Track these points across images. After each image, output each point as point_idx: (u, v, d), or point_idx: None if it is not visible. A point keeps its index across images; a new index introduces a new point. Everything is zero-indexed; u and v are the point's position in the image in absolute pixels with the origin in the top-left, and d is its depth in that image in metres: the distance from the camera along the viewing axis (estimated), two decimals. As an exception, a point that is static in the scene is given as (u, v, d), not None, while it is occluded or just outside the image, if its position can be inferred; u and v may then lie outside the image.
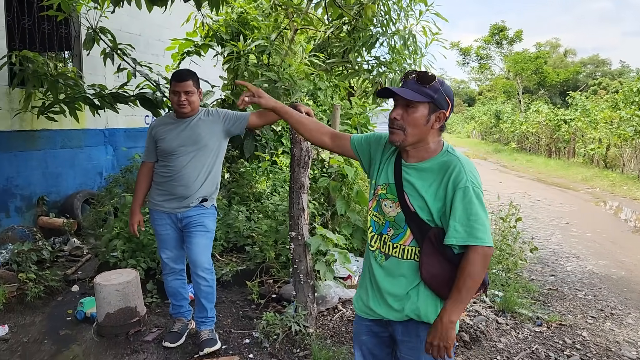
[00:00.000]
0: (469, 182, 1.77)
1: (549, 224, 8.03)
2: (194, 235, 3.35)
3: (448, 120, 1.92)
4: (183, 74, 3.28)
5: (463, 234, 1.75)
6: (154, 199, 3.40)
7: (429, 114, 1.84)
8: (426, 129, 1.85)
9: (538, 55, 31.49)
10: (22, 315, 4.09)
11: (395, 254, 1.90)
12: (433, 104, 1.83)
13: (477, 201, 1.76)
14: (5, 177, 5.76)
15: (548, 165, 17.42)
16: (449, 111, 1.88)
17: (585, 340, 3.66)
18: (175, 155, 3.27)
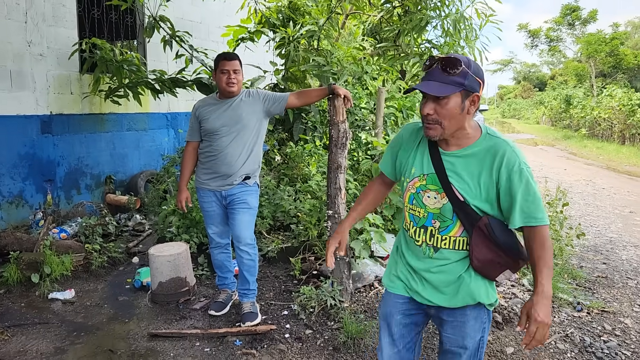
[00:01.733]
0: (522, 164, 1.74)
1: (611, 212, 7.71)
2: (238, 211, 3.54)
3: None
4: (231, 53, 3.50)
5: (528, 216, 1.75)
6: (200, 178, 3.59)
7: (463, 101, 1.74)
8: (462, 116, 1.77)
9: (614, 36, 29.60)
10: (87, 282, 4.49)
11: (445, 246, 1.87)
12: (465, 91, 1.73)
13: (532, 182, 1.75)
14: (77, 157, 6.26)
15: (620, 153, 16.53)
16: (482, 89, 1.79)
17: (627, 328, 3.58)
18: (218, 134, 3.45)
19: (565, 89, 30.39)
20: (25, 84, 5.56)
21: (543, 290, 1.73)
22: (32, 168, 5.70)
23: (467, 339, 1.95)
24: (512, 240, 1.84)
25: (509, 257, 1.83)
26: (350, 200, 4.62)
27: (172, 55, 6.02)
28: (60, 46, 5.92)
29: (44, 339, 3.43)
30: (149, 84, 5.77)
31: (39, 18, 5.68)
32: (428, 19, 6.06)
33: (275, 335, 3.41)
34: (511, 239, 1.83)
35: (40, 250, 4.49)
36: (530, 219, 1.75)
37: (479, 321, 1.94)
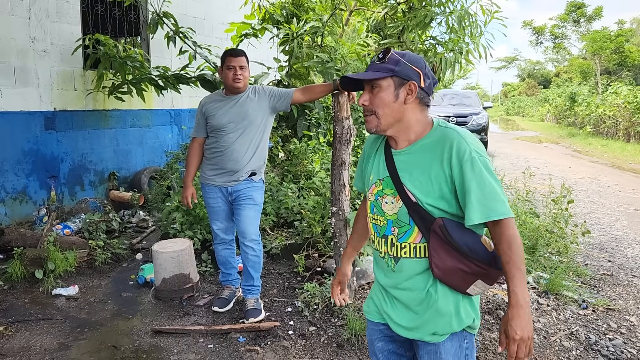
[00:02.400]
0: (473, 152, 1.59)
1: (616, 210, 7.67)
2: (243, 207, 3.54)
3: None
4: (237, 50, 3.50)
5: (485, 211, 1.56)
6: (206, 174, 3.59)
7: (396, 88, 1.66)
8: (398, 105, 1.67)
9: (619, 33, 29.41)
10: (91, 278, 4.50)
11: (405, 255, 1.69)
12: (397, 77, 1.65)
13: (487, 172, 1.58)
14: (81, 154, 6.26)
15: (625, 151, 16.42)
16: (423, 80, 1.67)
17: (633, 326, 3.55)
18: (224, 131, 3.45)
19: (570, 86, 30.22)
20: (29, 80, 5.56)
21: (517, 300, 1.52)
22: (36, 164, 5.70)
23: None
24: (474, 242, 1.63)
25: (473, 263, 1.61)
26: (355, 197, 4.61)
27: (175, 51, 6.01)
28: (63, 42, 5.92)
29: (48, 335, 3.43)
30: (153, 80, 5.76)
31: (43, 14, 5.68)
32: (433, 15, 6.02)
33: (279, 331, 3.40)
34: (473, 240, 1.63)
35: (44, 246, 4.49)
36: (489, 213, 1.55)
37: (456, 346, 1.70)
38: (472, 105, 15.29)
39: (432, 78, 1.70)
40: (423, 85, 1.67)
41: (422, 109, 1.71)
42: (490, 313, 3.56)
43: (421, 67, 1.67)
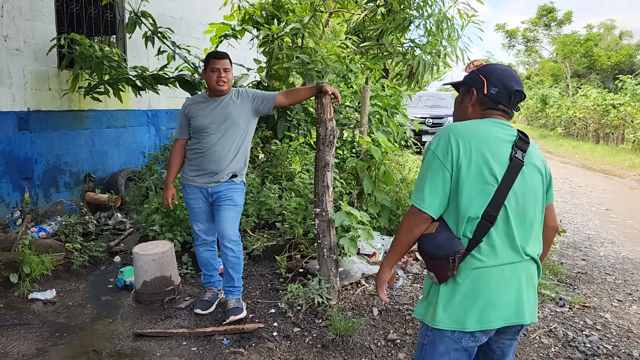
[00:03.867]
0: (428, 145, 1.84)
1: (588, 210, 7.87)
2: (223, 208, 3.53)
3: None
4: (222, 52, 3.51)
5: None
6: (187, 174, 3.58)
7: (463, 95, 1.95)
8: (462, 107, 1.94)
9: (588, 37, 30.22)
10: (68, 282, 4.41)
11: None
12: (465, 86, 1.94)
13: (423, 160, 1.83)
14: (55, 155, 6.13)
15: (595, 152, 16.86)
16: (486, 87, 1.85)
17: (607, 322, 3.65)
18: (206, 132, 3.44)
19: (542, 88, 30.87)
20: (1, 80, 5.42)
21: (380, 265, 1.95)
22: (9, 165, 5.56)
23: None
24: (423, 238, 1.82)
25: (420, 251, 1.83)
26: (337, 198, 4.62)
27: (152, 51, 5.94)
28: (37, 41, 5.79)
29: (25, 340, 3.35)
30: (130, 80, 5.68)
31: (16, 12, 5.54)
32: (411, 18, 6.10)
33: (263, 333, 3.39)
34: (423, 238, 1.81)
35: (19, 250, 4.38)
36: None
37: (422, 332, 1.87)
38: (447, 106, 15.49)
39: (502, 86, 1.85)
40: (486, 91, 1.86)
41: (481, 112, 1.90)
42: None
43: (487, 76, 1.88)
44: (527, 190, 1.77)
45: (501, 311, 1.73)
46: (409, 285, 4.12)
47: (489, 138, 1.76)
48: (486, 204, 1.71)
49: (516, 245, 1.75)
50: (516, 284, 1.75)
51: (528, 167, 1.78)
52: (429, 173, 1.75)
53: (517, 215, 1.75)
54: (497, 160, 1.73)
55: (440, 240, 1.73)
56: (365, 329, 3.39)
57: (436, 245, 1.73)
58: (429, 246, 1.76)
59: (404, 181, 5.21)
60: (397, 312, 3.64)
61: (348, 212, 3.71)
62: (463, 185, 1.72)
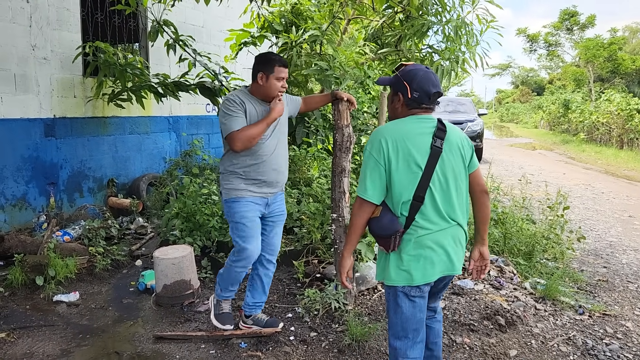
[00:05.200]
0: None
1: (610, 217, 7.75)
2: (279, 222, 3.45)
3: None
4: (285, 60, 3.27)
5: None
6: (240, 187, 3.23)
7: (393, 95, 2.34)
8: (392, 108, 2.37)
9: (612, 41, 29.69)
10: (91, 285, 4.52)
11: None
12: (392, 87, 2.33)
13: (364, 158, 2.26)
14: (80, 160, 6.28)
15: (618, 157, 16.58)
16: (410, 92, 2.24)
17: (629, 331, 3.61)
18: (264, 138, 3.19)
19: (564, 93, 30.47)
20: (29, 88, 5.59)
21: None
22: (36, 171, 5.72)
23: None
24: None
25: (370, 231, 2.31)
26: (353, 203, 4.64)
27: (174, 58, 6.06)
28: (64, 50, 5.96)
29: (50, 341, 3.45)
30: (152, 87, 5.80)
31: (44, 22, 5.72)
32: (429, 24, 6.10)
33: (280, 337, 3.43)
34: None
35: (44, 253, 4.51)
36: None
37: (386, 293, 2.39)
38: (467, 112, 15.41)
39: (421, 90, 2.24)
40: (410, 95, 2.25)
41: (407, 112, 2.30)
42: (489, 318, 3.60)
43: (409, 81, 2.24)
44: (447, 170, 2.22)
45: (438, 267, 2.24)
46: (426, 291, 4.12)
47: (412, 134, 2.21)
48: (414, 188, 2.18)
49: (443, 215, 2.22)
50: (447, 245, 2.24)
51: (447, 151, 2.22)
52: (368, 169, 2.21)
53: (442, 191, 2.22)
54: (420, 151, 2.18)
55: (384, 222, 2.20)
56: (381, 334, 3.40)
57: (381, 226, 2.21)
58: (376, 227, 2.23)
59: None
60: (414, 317, 3.64)
61: (365, 217, 3.73)
62: (394, 176, 2.18)
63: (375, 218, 2.22)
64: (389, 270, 2.26)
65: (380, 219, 2.20)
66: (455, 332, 3.45)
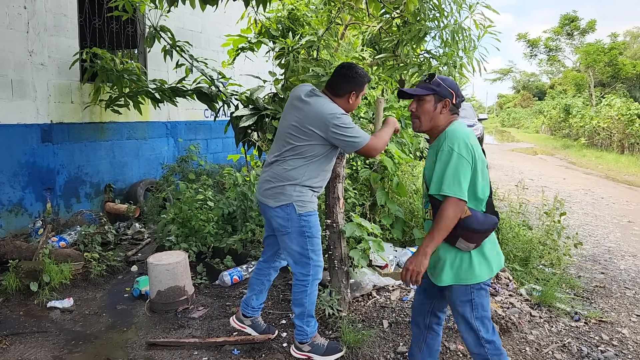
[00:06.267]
0: (446, 145, 2.27)
1: (610, 222, 7.72)
2: None
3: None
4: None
5: (435, 187, 2.27)
6: (313, 199, 3.13)
7: (435, 103, 2.40)
8: (435, 114, 2.40)
9: (613, 46, 29.71)
10: (86, 291, 4.50)
11: (428, 217, 2.46)
12: (437, 95, 2.39)
13: (449, 160, 2.24)
14: (77, 166, 6.28)
15: (619, 162, 16.55)
16: (455, 98, 2.40)
17: (625, 338, 3.58)
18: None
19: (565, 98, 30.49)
20: (26, 93, 5.60)
21: (419, 249, 2.26)
22: (32, 176, 5.72)
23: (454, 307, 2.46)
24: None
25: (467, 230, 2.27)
26: (349, 209, 4.64)
27: (172, 64, 6.06)
28: (61, 55, 5.97)
29: (42, 348, 3.43)
30: (150, 93, 5.80)
31: (41, 28, 5.73)
32: (427, 29, 6.09)
33: (274, 344, 3.41)
34: None
35: (39, 259, 4.50)
36: (439, 189, 2.24)
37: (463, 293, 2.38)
38: (467, 117, 15.37)
39: (461, 96, 2.44)
40: (455, 101, 2.40)
41: (449, 117, 2.41)
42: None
43: (454, 89, 2.40)
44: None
45: (501, 258, 2.46)
46: (421, 297, 4.10)
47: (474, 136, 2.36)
48: (488, 186, 2.36)
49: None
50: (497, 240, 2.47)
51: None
52: (461, 169, 2.23)
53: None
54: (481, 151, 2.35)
55: (481, 218, 2.28)
56: (375, 341, 3.39)
57: (481, 222, 2.28)
58: (477, 224, 2.27)
59: (417, 192, 5.20)
60: (408, 324, 3.62)
61: (359, 223, 3.73)
62: (479, 175, 2.29)
63: (469, 216, 2.25)
64: (473, 267, 2.33)
65: (475, 216, 2.27)
66: (449, 339, 3.43)
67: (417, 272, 2.25)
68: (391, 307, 3.88)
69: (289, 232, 3.08)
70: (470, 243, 2.30)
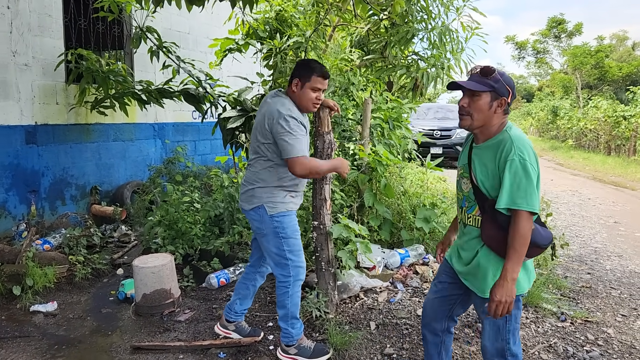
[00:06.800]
0: (516, 155, 2.08)
1: (596, 223, 7.77)
2: None
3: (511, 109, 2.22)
4: (328, 72, 3.12)
5: (507, 200, 2.08)
6: (286, 199, 3.09)
7: (492, 100, 2.18)
8: (490, 113, 2.19)
9: (599, 48, 30.03)
10: (70, 294, 4.44)
11: (470, 223, 2.30)
12: (494, 93, 2.17)
13: (522, 171, 2.07)
14: (62, 168, 6.21)
15: (606, 163, 16.69)
16: (511, 97, 2.19)
17: (610, 337, 3.60)
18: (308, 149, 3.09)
19: (552, 100, 30.74)
20: (10, 94, 5.52)
21: (505, 274, 2.09)
22: (16, 178, 5.64)
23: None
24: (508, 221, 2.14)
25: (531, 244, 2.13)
26: (337, 210, 4.62)
27: (159, 65, 6.02)
28: (45, 56, 5.90)
29: (25, 353, 3.38)
30: (136, 94, 5.75)
31: (25, 28, 5.66)
32: (414, 31, 6.11)
33: (260, 347, 3.38)
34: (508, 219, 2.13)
35: (22, 262, 4.43)
36: (511, 203, 2.07)
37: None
38: (456, 119, 15.44)
39: (515, 95, 2.23)
40: (510, 100, 2.19)
41: (503, 116, 2.22)
42: (470, 326, 3.58)
43: (512, 87, 2.19)
44: None
45: (533, 270, 2.35)
46: (407, 299, 4.09)
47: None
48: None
49: None
50: None
51: None
52: (532, 181, 2.08)
53: None
54: None
55: (542, 233, 2.21)
56: (362, 343, 3.37)
57: (543, 237, 2.20)
58: (540, 238, 2.19)
59: (405, 194, 5.20)
60: (395, 326, 3.61)
61: (346, 225, 3.71)
62: (539, 187, 2.14)
63: (533, 230, 2.13)
64: (519, 280, 2.18)
65: (537, 230, 2.17)
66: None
67: (509, 302, 2.09)
68: (378, 309, 3.87)
69: (265, 234, 3.08)
70: (527, 257, 2.20)
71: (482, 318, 2.34)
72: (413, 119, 13.52)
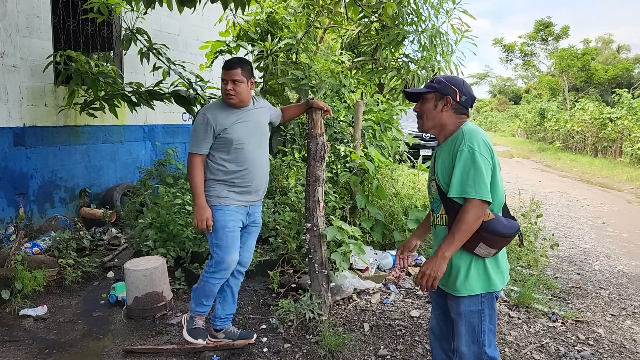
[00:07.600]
0: (465, 145, 2.14)
1: (584, 224, 7.85)
2: (255, 232, 3.41)
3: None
4: (232, 62, 3.18)
5: (457, 188, 2.13)
6: (223, 194, 3.17)
7: (436, 101, 2.29)
8: (437, 113, 2.29)
9: (585, 51, 30.39)
10: (60, 298, 4.40)
11: (439, 223, 2.32)
12: (438, 93, 2.28)
13: (470, 161, 2.11)
14: (51, 170, 6.14)
15: (593, 165, 16.88)
16: (459, 95, 2.26)
17: (600, 337, 3.63)
18: (244, 145, 3.15)
19: (540, 102, 31.00)
20: (-2, 96, 5.46)
21: (437, 252, 2.15)
22: (4, 181, 5.57)
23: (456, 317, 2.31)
24: None
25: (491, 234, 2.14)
26: (329, 212, 4.62)
27: (148, 67, 5.98)
28: (34, 58, 5.84)
29: (14, 358, 3.33)
30: (126, 96, 5.71)
31: (12, 29, 5.60)
32: (405, 33, 6.14)
33: (253, 349, 3.37)
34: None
35: (11, 266, 4.37)
36: (461, 191, 2.12)
37: (473, 303, 2.23)
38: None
39: (468, 95, 2.29)
40: (458, 99, 2.26)
41: (457, 116, 2.28)
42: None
43: (458, 86, 2.28)
44: None
45: (508, 268, 2.35)
46: (400, 300, 4.10)
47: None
48: (504, 190, 2.26)
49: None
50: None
51: None
52: (484, 170, 2.11)
53: None
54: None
55: (506, 222, 2.19)
56: (355, 344, 3.37)
57: (506, 226, 2.17)
58: (502, 227, 2.16)
59: (397, 195, 5.22)
60: (388, 327, 3.62)
61: (339, 227, 3.71)
62: (497, 177, 2.20)
63: (493, 220, 2.14)
64: (489, 275, 2.21)
65: (498, 219, 2.17)
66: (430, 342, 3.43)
67: (434, 277, 2.13)
68: (372, 310, 3.87)
69: None
70: (492, 249, 2.17)
71: (456, 322, 2.29)
72: (403, 121, 13.57)
